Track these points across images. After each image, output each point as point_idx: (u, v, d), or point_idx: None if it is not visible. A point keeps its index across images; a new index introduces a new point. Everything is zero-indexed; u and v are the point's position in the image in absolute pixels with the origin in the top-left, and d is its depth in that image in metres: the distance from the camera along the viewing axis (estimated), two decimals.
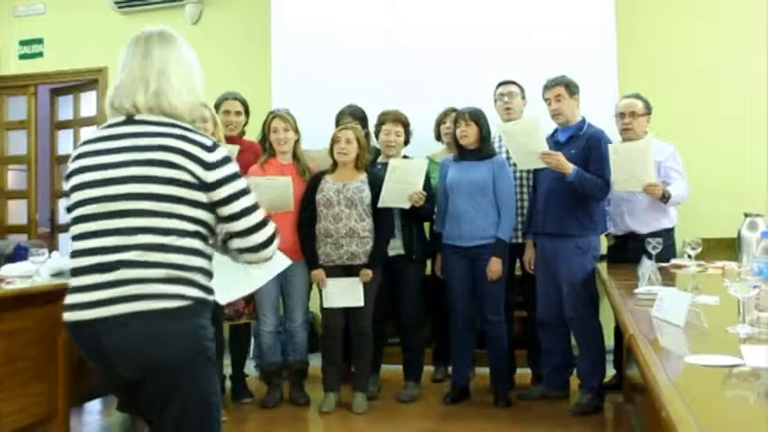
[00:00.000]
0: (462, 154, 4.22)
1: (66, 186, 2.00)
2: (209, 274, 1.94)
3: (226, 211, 1.94)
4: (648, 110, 4.16)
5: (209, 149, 1.92)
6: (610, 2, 5.22)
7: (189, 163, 1.88)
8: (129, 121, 1.95)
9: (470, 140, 4.16)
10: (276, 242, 2.06)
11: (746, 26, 5.21)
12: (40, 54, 6.87)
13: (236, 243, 2.01)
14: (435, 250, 4.41)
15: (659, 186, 3.89)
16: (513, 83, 4.51)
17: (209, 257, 1.96)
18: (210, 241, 1.99)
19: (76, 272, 1.89)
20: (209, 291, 1.94)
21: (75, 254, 1.90)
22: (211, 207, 1.93)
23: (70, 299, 1.89)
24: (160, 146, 1.88)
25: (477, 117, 4.14)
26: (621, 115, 4.15)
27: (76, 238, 1.92)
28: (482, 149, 4.17)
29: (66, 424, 3.54)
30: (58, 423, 3.47)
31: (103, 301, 1.81)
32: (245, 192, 1.98)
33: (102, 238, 1.85)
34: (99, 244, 1.85)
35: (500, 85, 4.53)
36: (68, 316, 1.88)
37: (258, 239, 2.00)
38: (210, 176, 1.90)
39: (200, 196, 1.90)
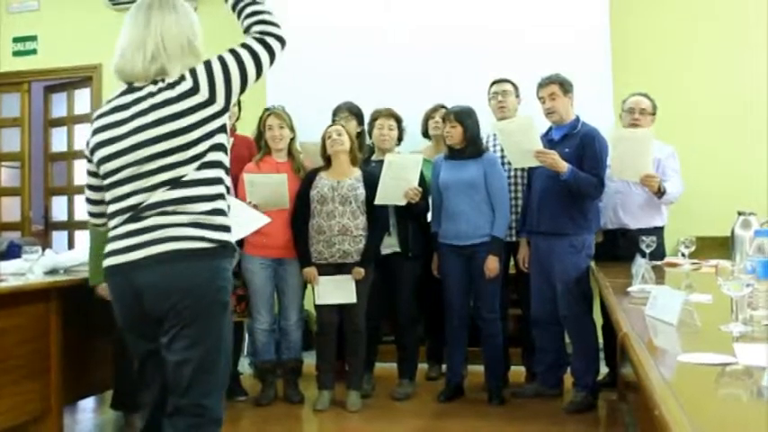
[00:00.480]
0: (452, 152, 4.23)
1: (90, 157, 2.20)
2: (225, 213, 2.15)
3: (239, 89, 2.18)
4: (654, 111, 4.18)
5: (195, 90, 2.09)
6: (605, 1, 5.22)
7: (188, 102, 2.07)
8: (130, 89, 2.14)
9: (455, 141, 4.16)
10: (278, 24, 2.36)
11: (742, 26, 5.23)
12: (34, 51, 6.84)
13: (264, 27, 2.32)
14: (431, 249, 4.40)
15: (656, 178, 3.90)
16: (508, 81, 4.50)
17: (224, 198, 2.16)
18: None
19: (115, 226, 2.13)
20: (228, 230, 2.14)
21: (113, 214, 2.14)
22: (221, 128, 2.13)
23: (109, 247, 2.13)
24: (160, 102, 2.07)
25: (463, 118, 4.14)
26: (631, 111, 4.16)
27: (112, 201, 2.15)
28: (468, 149, 4.16)
29: (60, 422, 3.54)
30: (52, 421, 3.46)
31: (137, 245, 2.05)
32: (225, 65, 2.16)
33: (131, 198, 2.09)
34: (131, 202, 2.09)
35: (494, 83, 4.53)
36: (107, 261, 2.13)
37: (269, 57, 2.31)
38: (218, 103, 2.11)
39: (211, 109, 2.09)
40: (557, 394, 4.24)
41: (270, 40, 2.30)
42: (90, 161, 2.23)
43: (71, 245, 6.83)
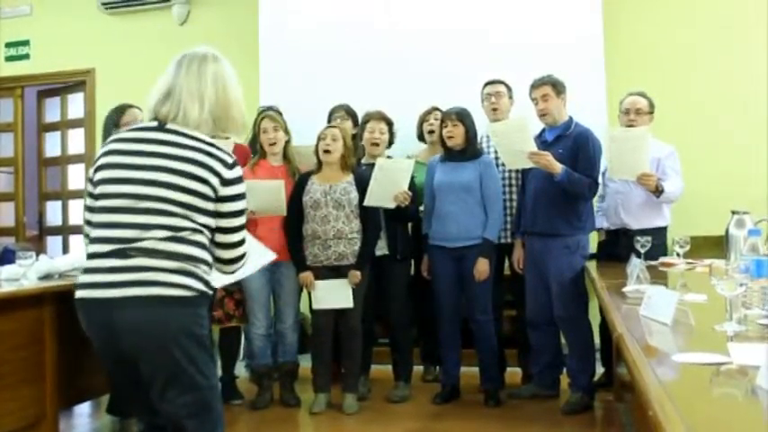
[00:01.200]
0: (449, 154, 4.22)
1: (93, 177, 2.17)
2: (210, 266, 2.16)
3: (222, 223, 2.16)
4: (652, 109, 4.19)
5: (230, 167, 2.14)
6: (597, 3, 5.23)
7: (209, 176, 2.09)
8: (161, 128, 2.15)
9: (457, 141, 4.16)
10: (243, 262, 2.29)
11: (737, 26, 5.24)
12: (27, 56, 6.83)
13: (217, 251, 2.20)
14: (421, 250, 4.39)
15: (653, 177, 3.90)
16: (501, 82, 4.51)
17: (209, 251, 2.17)
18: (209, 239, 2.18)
19: (95, 255, 2.08)
20: (209, 284, 2.14)
21: (96, 240, 2.10)
22: (214, 215, 2.14)
23: (86, 278, 2.08)
24: (188, 158, 2.09)
25: (464, 117, 4.15)
26: (627, 112, 4.17)
27: (99, 226, 2.11)
28: (468, 150, 4.17)
29: (55, 427, 3.52)
30: (47, 427, 3.44)
31: (120, 282, 2.02)
32: (242, 212, 2.21)
33: (123, 230, 2.05)
34: (119, 234, 2.05)
35: (487, 84, 4.53)
36: (84, 293, 2.08)
37: (235, 253, 2.23)
38: (225, 191, 2.13)
39: (211, 206, 2.12)
40: (553, 395, 4.24)
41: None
42: (91, 181, 2.19)
43: (65, 249, 6.81)
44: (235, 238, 2.20)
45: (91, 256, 2.10)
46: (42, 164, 7.14)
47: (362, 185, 4.10)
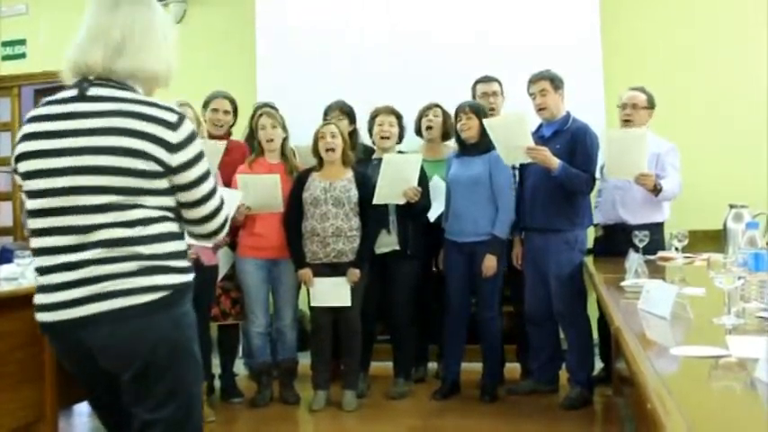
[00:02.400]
0: (462, 149, 4.23)
1: (17, 168, 1.82)
2: (183, 254, 1.85)
3: (186, 196, 1.84)
4: (651, 104, 4.18)
5: (174, 126, 1.77)
6: (595, 2, 5.21)
7: (150, 146, 1.73)
8: (82, 97, 1.78)
9: (471, 134, 4.15)
10: (225, 230, 1.99)
11: (736, 21, 5.24)
12: (23, 55, 6.81)
13: (189, 227, 1.91)
14: (432, 248, 4.40)
15: (651, 176, 3.89)
16: (494, 80, 4.50)
17: (181, 236, 1.87)
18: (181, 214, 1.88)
19: (42, 270, 1.78)
20: (186, 270, 1.85)
21: (37, 252, 1.79)
22: (173, 190, 1.82)
23: (40, 299, 1.80)
24: (118, 129, 1.72)
25: (478, 110, 4.14)
26: (623, 106, 4.17)
27: (34, 233, 1.79)
28: (482, 143, 4.14)
29: (55, 427, 3.51)
30: (46, 426, 3.43)
31: (76, 300, 1.73)
32: (207, 175, 1.87)
33: (58, 237, 1.74)
34: (57, 243, 1.74)
35: (479, 82, 4.52)
36: (42, 317, 1.80)
37: (211, 227, 1.93)
38: (175, 159, 1.77)
39: (163, 183, 1.78)
40: (552, 390, 4.24)
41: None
42: (16, 172, 1.83)
43: None
44: (204, 210, 1.87)
45: (39, 270, 1.79)
46: None
47: (363, 182, 4.10)
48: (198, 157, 1.83)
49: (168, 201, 1.82)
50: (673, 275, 2.97)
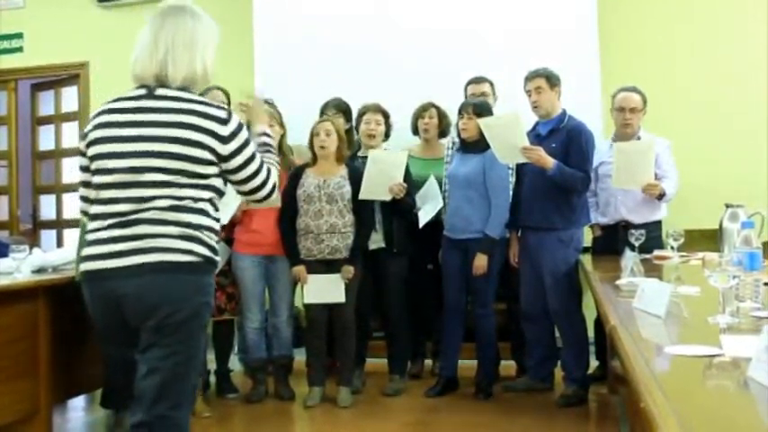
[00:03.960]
0: (462, 145, 4.24)
1: (86, 151, 2.16)
2: (216, 233, 2.16)
3: (236, 177, 2.19)
4: (644, 104, 4.19)
5: (225, 122, 2.11)
6: None
7: (207, 139, 2.08)
8: (149, 95, 2.12)
9: (471, 134, 4.15)
10: (277, 192, 2.32)
11: (732, 19, 5.24)
12: (20, 49, 6.78)
13: (246, 198, 2.32)
14: (431, 242, 4.39)
15: (658, 186, 3.94)
16: (485, 80, 4.50)
17: (216, 219, 2.18)
18: (218, 202, 2.21)
19: (96, 229, 2.09)
20: (215, 251, 2.15)
21: (96, 216, 2.10)
22: (222, 174, 2.16)
23: (90, 250, 2.09)
24: (179, 123, 2.06)
25: (480, 111, 4.14)
26: (621, 109, 4.17)
27: (98, 202, 2.11)
28: (481, 141, 4.13)
29: (49, 421, 3.51)
30: (41, 421, 3.44)
31: (122, 252, 2.03)
32: (253, 157, 2.20)
33: (120, 205, 2.06)
34: (120, 209, 2.06)
35: (470, 83, 4.52)
36: (87, 265, 2.10)
37: (262, 194, 2.27)
38: (226, 149, 2.11)
39: (214, 169, 2.12)
40: (548, 388, 4.24)
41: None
42: (84, 155, 2.19)
43: (60, 243, 6.78)
44: (252, 185, 2.23)
45: (92, 230, 2.11)
46: (36, 157, 7.11)
47: (356, 179, 4.10)
48: (245, 144, 2.17)
49: (213, 182, 2.14)
50: (668, 274, 2.97)
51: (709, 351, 1.65)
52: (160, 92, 2.12)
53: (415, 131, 4.70)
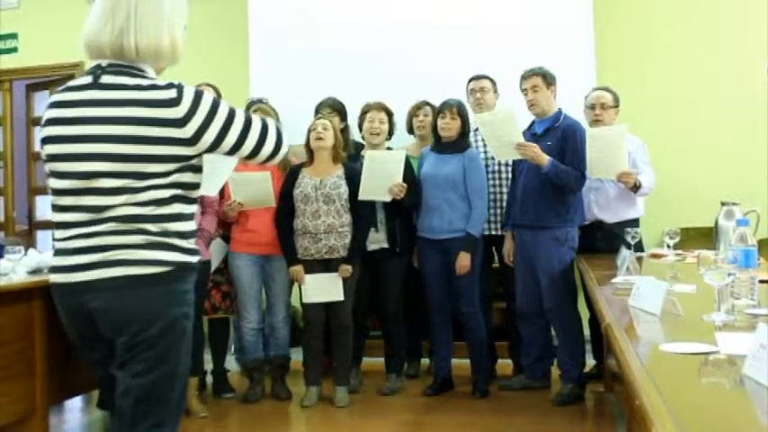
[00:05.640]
0: (438, 146, 4.22)
1: (42, 149, 1.97)
2: (190, 235, 1.96)
3: (223, 148, 1.93)
4: (617, 103, 4.20)
5: (176, 102, 1.85)
6: None
7: (159, 130, 1.83)
8: (95, 84, 1.88)
9: (452, 134, 4.15)
10: (282, 148, 2.05)
11: (725, 20, 5.24)
12: (15, 49, 6.76)
13: (251, 161, 2.05)
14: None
15: (632, 174, 3.92)
16: (486, 77, 4.50)
17: (190, 218, 1.97)
18: (204, 179, 1.99)
19: (60, 239, 1.93)
20: (191, 252, 1.95)
21: (58, 225, 1.94)
22: (186, 161, 1.89)
23: (55, 261, 1.95)
24: (127, 118, 1.83)
25: (462, 111, 4.15)
26: (592, 107, 4.19)
27: (56, 209, 1.95)
28: (459, 142, 4.16)
29: (45, 422, 3.51)
30: (37, 422, 3.43)
31: (85, 265, 1.86)
32: (231, 118, 1.92)
33: (76, 213, 1.88)
34: (74, 218, 1.88)
35: (472, 79, 4.52)
36: (54, 278, 1.95)
37: (267, 151, 2.00)
38: (188, 130, 1.86)
39: (175, 164, 1.87)
40: (544, 386, 4.25)
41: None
42: (42, 155, 1.99)
43: None
44: (247, 149, 1.96)
45: (57, 239, 1.95)
46: (32, 158, 7.08)
47: (353, 178, 4.09)
48: (211, 113, 1.88)
49: (181, 177, 1.90)
50: (663, 272, 2.97)
51: (704, 348, 1.65)
52: (105, 79, 1.87)
53: (410, 130, 4.71)
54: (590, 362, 4.39)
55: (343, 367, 4.19)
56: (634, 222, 4.11)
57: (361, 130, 4.49)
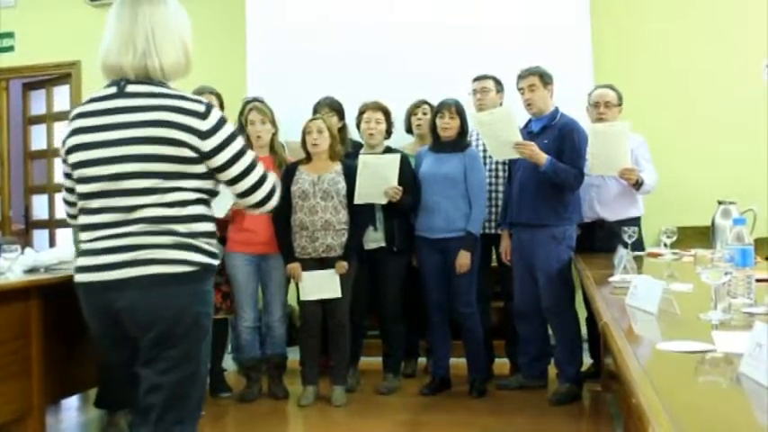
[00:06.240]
0: (437, 145, 4.22)
1: (67, 158, 2.07)
2: (212, 235, 2.07)
3: (225, 176, 2.05)
4: (620, 101, 4.20)
5: (203, 116, 1.98)
6: None
7: (185, 135, 1.95)
8: (121, 93, 2.00)
9: (451, 133, 4.15)
10: (277, 194, 2.17)
11: (722, 18, 5.25)
12: (11, 48, 6.75)
13: (240, 200, 2.14)
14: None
15: (635, 171, 3.93)
16: (489, 77, 4.49)
17: (212, 219, 2.08)
18: (213, 202, 2.11)
19: (87, 240, 2.02)
20: (213, 255, 2.05)
21: (85, 227, 2.03)
22: (211, 173, 2.03)
23: (82, 261, 2.02)
24: (155, 121, 1.95)
25: (461, 110, 4.15)
26: (596, 105, 4.18)
27: (84, 212, 2.04)
28: (459, 142, 4.16)
29: (42, 421, 3.50)
30: (34, 421, 3.42)
31: (115, 264, 1.95)
32: (241, 153, 2.06)
33: (105, 215, 1.97)
34: (104, 219, 1.98)
35: (475, 80, 4.52)
36: (81, 277, 2.02)
37: (259, 197, 2.12)
38: (207, 145, 1.98)
39: (200, 167, 2.00)
40: (541, 386, 4.25)
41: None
42: (65, 162, 2.10)
43: (52, 243, 6.77)
44: (244, 185, 2.08)
45: (84, 241, 2.04)
46: (28, 157, 7.08)
47: (351, 176, 4.09)
48: (229, 140, 2.02)
49: (204, 184, 2.04)
50: (661, 271, 2.97)
51: (701, 347, 1.65)
52: (131, 89, 2.00)
53: (409, 129, 4.71)
54: (587, 361, 4.39)
55: (340, 366, 4.19)
56: (635, 221, 4.11)
57: (359, 130, 4.48)
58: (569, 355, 4.09)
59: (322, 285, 4.06)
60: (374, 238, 4.28)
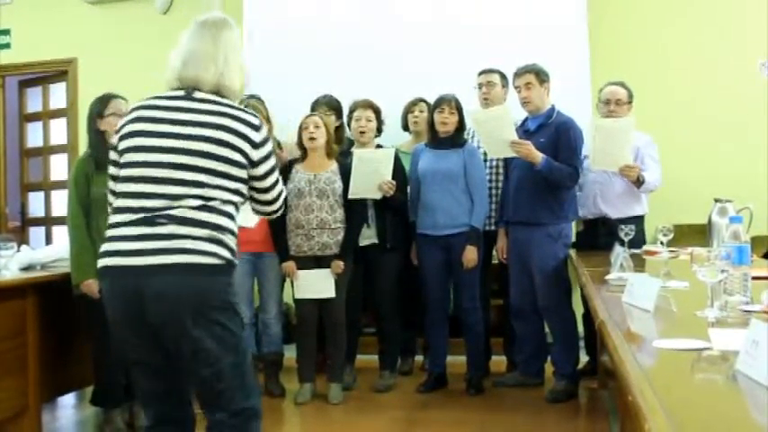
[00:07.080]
0: (435, 142, 4.22)
1: (117, 145, 2.19)
2: (236, 235, 2.20)
3: (260, 184, 2.26)
4: (631, 99, 4.20)
5: (258, 128, 2.19)
6: None
7: (241, 142, 2.14)
8: (189, 96, 2.17)
9: (450, 129, 4.15)
10: (282, 209, 2.43)
11: (720, 15, 5.25)
12: (8, 45, 6.73)
13: (259, 207, 2.36)
14: (411, 240, 4.39)
15: (636, 168, 3.92)
16: (494, 71, 4.48)
17: (235, 220, 2.21)
18: (241, 211, 2.27)
19: (121, 224, 2.09)
20: (235, 253, 2.18)
21: (121, 209, 2.11)
22: (248, 179, 2.21)
23: (111, 246, 2.09)
24: (217, 125, 2.12)
25: (460, 107, 4.15)
26: (607, 102, 4.17)
27: (125, 195, 2.12)
28: (456, 138, 4.17)
29: (38, 419, 3.50)
30: (30, 418, 3.42)
31: (150, 250, 2.03)
32: (275, 167, 2.31)
33: (153, 200, 2.07)
34: (149, 204, 2.07)
35: (481, 73, 4.51)
36: (109, 261, 2.09)
37: (276, 206, 2.37)
38: (257, 155, 2.19)
39: (243, 173, 2.17)
40: (538, 383, 4.25)
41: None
42: (115, 149, 2.21)
43: (48, 241, 6.76)
44: (271, 195, 2.31)
45: (116, 224, 2.11)
46: (24, 154, 7.07)
47: (347, 175, 4.09)
48: (270, 154, 2.26)
49: (241, 187, 2.19)
50: (657, 269, 2.98)
51: (697, 345, 1.65)
52: (199, 95, 2.17)
53: (405, 127, 4.70)
54: (583, 358, 4.40)
55: (336, 364, 4.19)
56: (639, 219, 4.12)
57: (349, 128, 4.49)
58: (566, 352, 4.09)
59: (317, 285, 4.06)
60: (367, 235, 4.28)
